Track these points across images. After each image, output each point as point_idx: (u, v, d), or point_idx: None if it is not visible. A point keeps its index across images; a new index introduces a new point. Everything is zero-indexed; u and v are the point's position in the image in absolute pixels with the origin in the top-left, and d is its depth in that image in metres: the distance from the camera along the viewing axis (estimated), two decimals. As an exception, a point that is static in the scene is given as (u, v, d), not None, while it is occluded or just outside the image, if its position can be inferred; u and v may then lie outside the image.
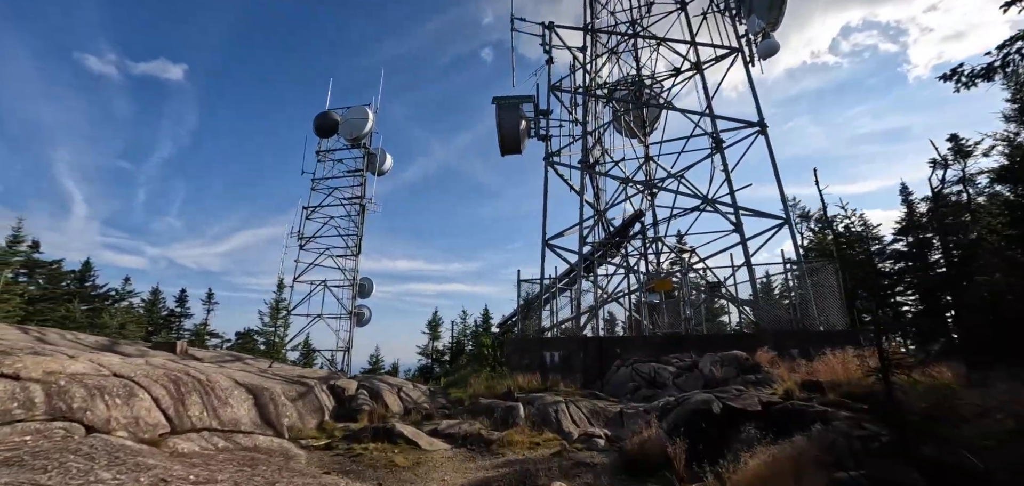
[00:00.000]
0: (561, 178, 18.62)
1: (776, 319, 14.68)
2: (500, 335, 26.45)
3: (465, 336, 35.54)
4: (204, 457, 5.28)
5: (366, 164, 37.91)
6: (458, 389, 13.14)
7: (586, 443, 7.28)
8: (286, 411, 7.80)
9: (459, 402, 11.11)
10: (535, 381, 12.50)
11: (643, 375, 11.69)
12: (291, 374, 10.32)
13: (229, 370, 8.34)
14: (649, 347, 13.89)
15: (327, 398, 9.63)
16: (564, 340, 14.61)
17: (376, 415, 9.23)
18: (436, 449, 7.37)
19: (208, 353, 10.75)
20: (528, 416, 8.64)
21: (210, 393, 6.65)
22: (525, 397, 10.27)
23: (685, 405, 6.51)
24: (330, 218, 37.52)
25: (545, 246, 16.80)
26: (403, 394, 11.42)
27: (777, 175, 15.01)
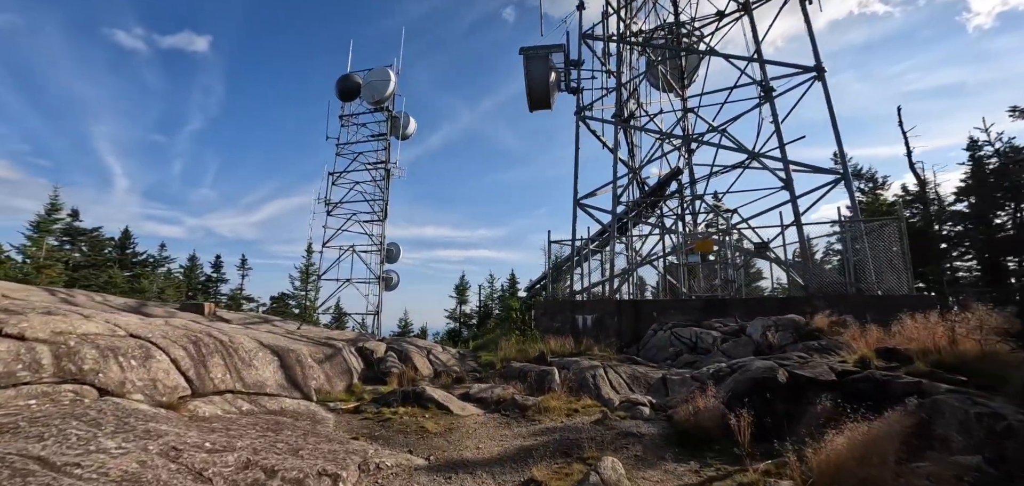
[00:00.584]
0: (593, 134, 17.60)
1: (826, 283, 13.62)
2: (528, 299, 26.08)
3: (492, 300, 35.45)
4: (225, 421, 4.97)
5: (389, 128, 37.48)
6: (488, 352, 12.80)
7: (629, 411, 6.73)
8: (313, 373, 7.53)
9: (490, 366, 10.74)
10: (568, 345, 12.00)
11: (684, 340, 11.00)
12: (319, 336, 10.11)
13: (255, 332, 8.10)
14: (688, 311, 13.14)
15: (356, 360, 9.38)
16: (597, 303, 14.01)
17: (405, 378, 8.93)
18: (468, 414, 6.98)
19: (237, 315, 10.66)
20: (564, 381, 8.14)
21: (233, 355, 6.36)
22: (559, 361, 9.78)
23: (745, 372, 5.82)
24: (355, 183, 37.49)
25: (576, 206, 16.01)
26: (432, 357, 11.13)
27: (835, 125, 13.63)
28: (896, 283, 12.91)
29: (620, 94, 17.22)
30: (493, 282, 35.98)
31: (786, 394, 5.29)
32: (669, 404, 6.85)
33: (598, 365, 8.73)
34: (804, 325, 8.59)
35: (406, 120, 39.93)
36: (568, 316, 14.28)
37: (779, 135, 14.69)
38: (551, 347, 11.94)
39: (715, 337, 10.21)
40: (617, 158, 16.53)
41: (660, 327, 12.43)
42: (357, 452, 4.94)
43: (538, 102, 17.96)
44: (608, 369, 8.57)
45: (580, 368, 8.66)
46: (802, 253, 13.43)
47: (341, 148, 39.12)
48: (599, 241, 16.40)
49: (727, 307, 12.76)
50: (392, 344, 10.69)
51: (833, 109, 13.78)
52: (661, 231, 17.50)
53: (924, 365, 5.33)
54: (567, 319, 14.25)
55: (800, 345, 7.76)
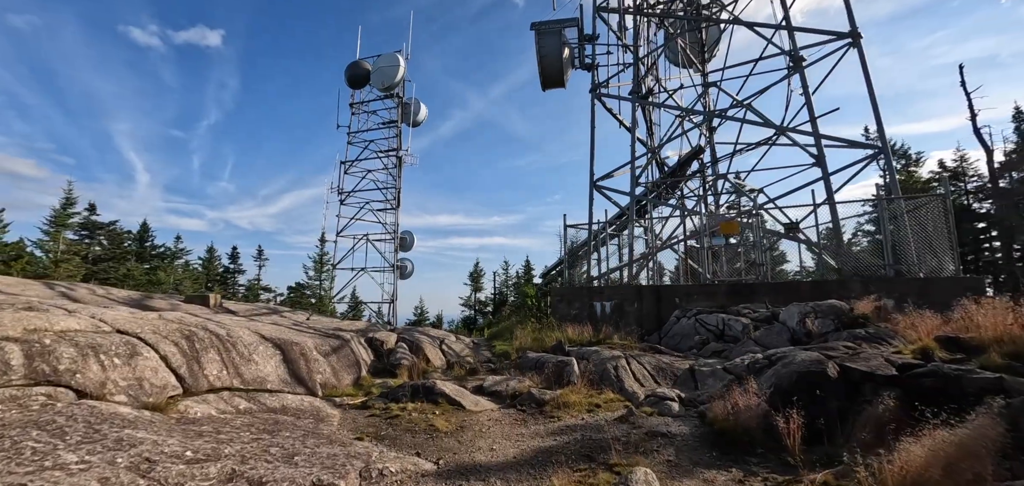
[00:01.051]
0: (609, 112, 16.84)
1: (862, 265, 12.78)
2: (544, 285, 25.56)
3: (507, 287, 35.05)
4: (217, 423, 4.58)
5: (400, 115, 37.02)
6: (503, 342, 12.35)
7: (656, 406, 6.19)
8: (319, 367, 7.14)
9: (505, 356, 10.28)
10: (586, 333, 11.46)
11: (709, 327, 10.37)
12: (327, 327, 9.75)
13: (257, 325, 7.73)
14: (712, 296, 12.47)
15: (365, 352, 9.00)
16: (616, 288, 13.41)
17: (416, 370, 8.52)
18: (482, 410, 6.52)
19: (244, 306, 10.38)
20: (583, 373, 7.63)
21: (231, 349, 5.98)
22: (577, 351, 9.26)
23: (788, 365, 5.22)
24: (368, 172, 37.17)
25: (593, 188, 15.34)
26: (445, 347, 10.71)
27: (872, 95, 12.63)
28: (937, 265, 12.02)
29: (637, 69, 16.37)
30: (508, 269, 35.57)
31: (838, 391, 4.68)
32: (700, 398, 6.28)
33: (620, 355, 8.18)
34: (847, 311, 7.89)
35: (417, 106, 39.46)
36: (586, 303, 13.72)
37: (810, 108, 13.76)
38: (569, 335, 11.43)
39: (745, 324, 9.55)
40: (635, 137, 15.77)
41: (683, 313, 11.80)
42: (360, 456, 4.51)
43: (551, 80, 17.23)
44: (631, 359, 8.02)
45: (601, 359, 8.13)
46: (836, 234, 12.59)
47: (352, 136, 38.77)
48: (617, 224, 15.74)
49: (755, 292, 12.05)
50: (403, 334, 10.30)
51: (870, 78, 12.79)
52: (682, 213, 16.73)
53: (999, 357, 4.65)
54: (585, 306, 13.70)
55: (844, 333, 7.08)
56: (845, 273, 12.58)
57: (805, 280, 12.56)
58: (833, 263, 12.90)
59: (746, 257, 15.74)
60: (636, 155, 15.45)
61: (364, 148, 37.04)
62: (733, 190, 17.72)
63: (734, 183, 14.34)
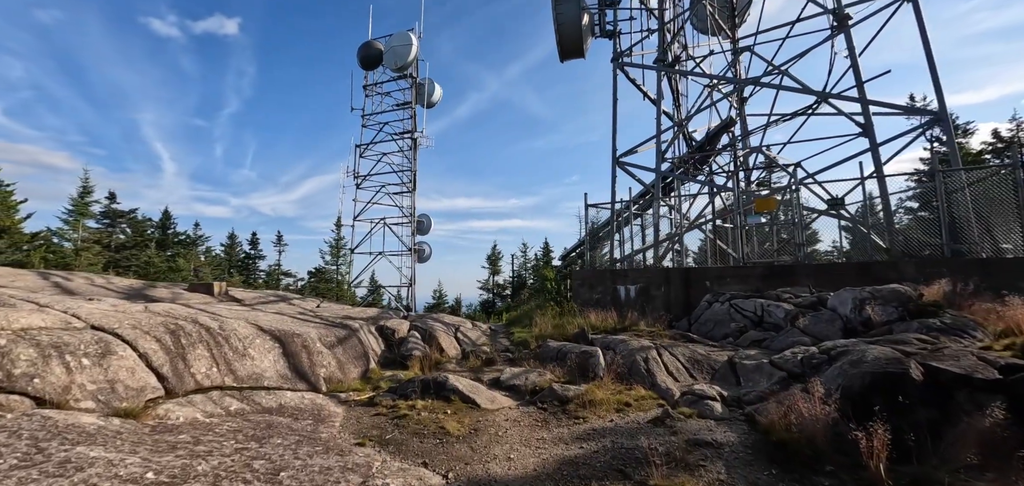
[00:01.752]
0: (633, 83, 15.79)
1: (911, 245, 11.66)
2: (563, 267, 24.84)
3: (525, 270, 34.46)
4: (199, 429, 4.06)
5: (414, 96, 36.27)
6: (522, 328, 11.73)
7: (695, 406, 5.47)
8: (322, 360, 6.62)
9: (524, 345, 9.66)
10: (610, 319, 10.74)
11: (746, 313, 9.52)
12: (337, 315, 9.27)
13: (258, 315, 7.25)
14: (746, 279, 11.56)
15: (375, 341, 8.49)
16: (641, 271, 12.60)
17: (429, 361, 7.96)
18: (498, 408, 5.91)
19: (251, 294, 9.97)
20: (610, 365, 6.94)
21: (223, 344, 5.47)
22: (602, 340, 8.57)
23: (858, 364, 4.42)
24: (383, 155, 36.68)
25: (615, 164, 14.42)
26: (461, 335, 10.14)
27: (930, 55, 11.31)
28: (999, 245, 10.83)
29: (663, 35, 15.24)
30: (526, 251, 34.91)
31: (925, 396, 3.88)
32: (745, 398, 5.53)
33: (650, 346, 7.45)
34: (914, 297, 6.95)
35: (431, 87, 38.64)
36: (609, 286, 12.96)
37: (856, 71, 12.51)
38: (591, 322, 10.73)
39: (787, 311, 8.68)
40: (660, 109, 14.75)
41: (715, 298, 10.95)
42: (358, 468, 3.95)
43: (570, 50, 16.23)
44: (662, 350, 7.28)
45: (629, 349, 7.41)
46: (886, 210, 11.48)
47: (367, 119, 38.30)
48: (641, 203, 14.84)
49: (793, 274, 11.09)
50: (416, 322, 9.75)
51: (927, 36, 11.48)
52: (710, 190, 15.70)
53: None
54: (608, 290, 12.95)
55: (913, 324, 6.18)
56: (894, 253, 11.49)
57: (849, 261, 11.52)
58: (880, 242, 11.81)
59: (777, 237, 14.69)
60: (662, 129, 14.45)
61: (379, 131, 36.52)
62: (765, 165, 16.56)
63: (769, 158, 13.24)
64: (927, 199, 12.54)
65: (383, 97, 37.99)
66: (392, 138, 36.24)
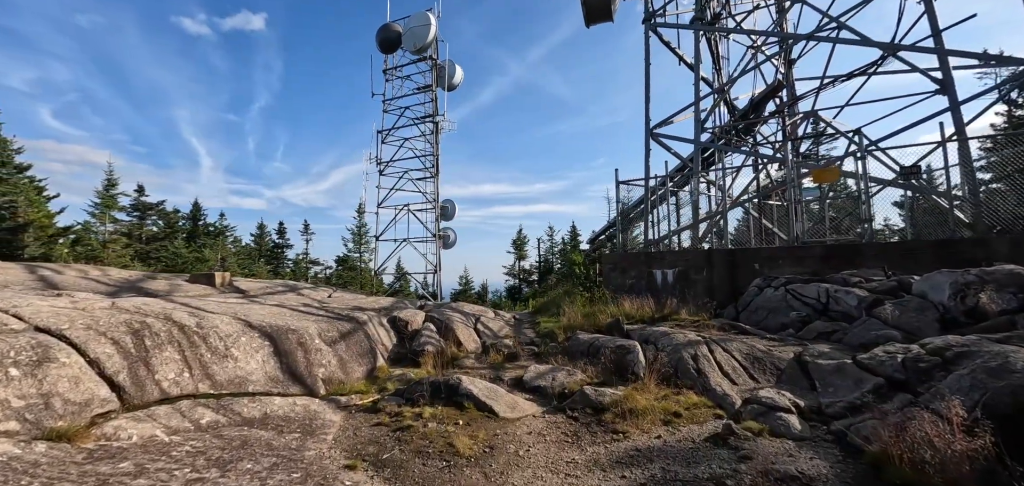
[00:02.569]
0: (667, 47, 14.35)
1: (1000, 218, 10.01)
2: (591, 252, 23.67)
3: (552, 254, 33.41)
4: (151, 452, 3.30)
5: (434, 79, 35.32)
6: (549, 318, 10.77)
7: (763, 418, 4.41)
8: (322, 358, 5.85)
9: (551, 336, 8.71)
10: (647, 308, 9.65)
11: (807, 300, 8.26)
12: (347, 306, 8.53)
13: (248, 308, 6.53)
14: (801, 261, 10.22)
15: (385, 335, 7.70)
16: (680, 253, 11.39)
17: (444, 357, 7.11)
18: (520, 417, 4.99)
19: (259, 284, 9.37)
20: (652, 363, 5.90)
21: (200, 343, 4.73)
22: (639, 331, 7.52)
23: (1003, 375, 3.27)
24: (405, 140, 36.00)
25: (649, 136, 13.12)
26: (481, 326, 9.27)
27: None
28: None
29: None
30: (553, 235, 33.78)
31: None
32: (828, 409, 4.41)
33: (698, 339, 6.35)
34: (1043, 279, 5.59)
35: (452, 68, 37.57)
36: (643, 271, 11.82)
37: (932, 18, 10.79)
38: (626, 310, 9.67)
39: (861, 297, 7.39)
40: (698, 74, 13.31)
41: (767, 283, 9.68)
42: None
43: (596, 12, 14.88)
44: (713, 345, 6.18)
45: (673, 344, 6.34)
46: (970, 179, 9.86)
47: (387, 104, 37.66)
48: (678, 178, 13.53)
49: (859, 255, 9.68)
50: (432, 312, 8.92)
51: (1023, -29, 9.67)
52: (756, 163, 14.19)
53: None
54: (642, 274, 11.81)
55: (1049, 313, 4.89)
56: (980, 229, 9.89)
57: (925, 239, 9.98)
58: (962, 218, 10.21)
59: (827, 215, 13.14)
60: (701, 95, 13.05)
61: (400, 115, 35.89)
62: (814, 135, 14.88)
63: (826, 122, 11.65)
64: (1006, 168, 10.79)
65: (403, 81, 37.22)
66: (413, 122, 35.55)
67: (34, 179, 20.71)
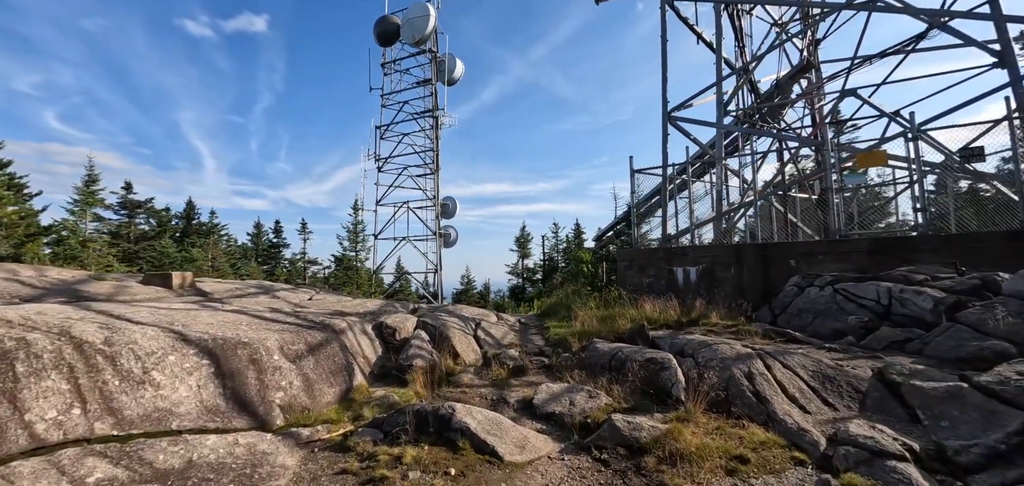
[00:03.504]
0: (685, 23, 13.13)
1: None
2: (598, 250, 22.48)
3: (557, 252, 32.22)
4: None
5: (434, 72, 34.07)
6: (559, 323, 9.57)
7: (869, 470, 3.20)
8: (281, 379, 4.67)
9: (563, 345, 7.51)
10: (671, 310, 8.46)
11: (863, 302, 7.04)
12: (328, 310, 7.36)
13: (193, 316, 5.35)
14: (845, 256, 9.00)
15: (369, 344, 6.52)
16: (705, 249, 10.19)
17: (436, 373, 5.92)
18: (531, 461, 3.79)
19: (226, 285, 8.20)
20: (695, 382, 4.70)
21: (105, 367, 3.55)
22: (669, 339, 6.32)
23: None
24: (404, 136, 34.78)
25: (666, 120, 11.90)
26: (482, 332, 8.08)
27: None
28: None
29: (723, -37, 12.48)
30: (558, 232, 32.58)
31: None
32: (959, 457, 3.20)
33: (748, 352, 5.14)
34: None
35: (452, 62, 36.24)
36: (663, 268, 10.61)
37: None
38: (647, 313, 8.48)
39: (936, 298, 6.17)
40: (720, 52, 12.08)
41: (808, 281, 8.47)
42: None
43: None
44: (768, 359, 4.97)
45: (717, 357, 5.13)
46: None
47: (386, 99, 36.31)
48: (699, 165, 12.31)
49: (913, 249, 8.45)
50: (425, 317, 7.74)
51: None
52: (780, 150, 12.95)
53: None
54: (662, 272, 10.60)
55: None
56: (1049, 217, 8.64)
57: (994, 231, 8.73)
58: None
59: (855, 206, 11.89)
60: (722, 75, 11.82)
61: (399, 110, 34.69)
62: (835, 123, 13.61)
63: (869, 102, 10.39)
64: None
65: (402, 75, 35.96)
66: (413, 117, 34.33)
67: (15, 177, 19.65)
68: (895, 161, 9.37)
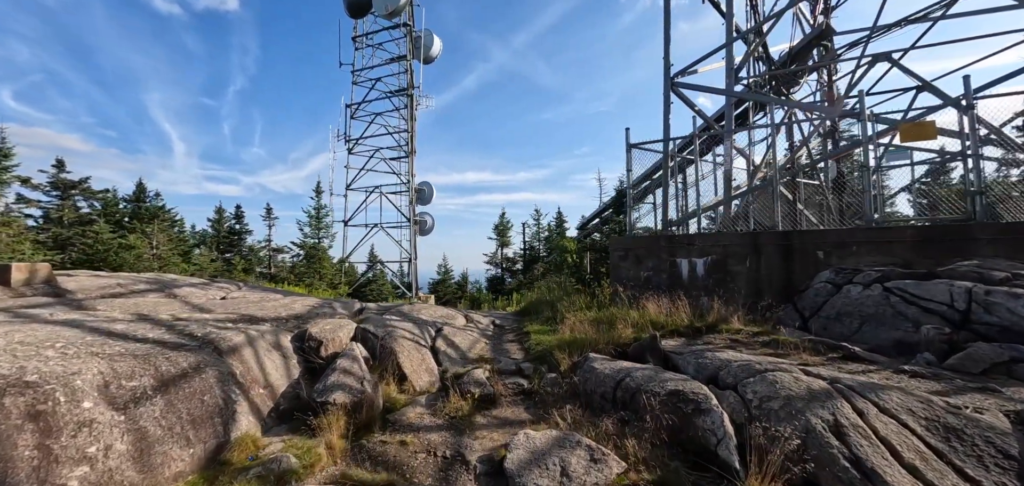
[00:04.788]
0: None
1: None
2: (582, 238, 20.87)
3: (538, 240, 30.56)
4: None
5: (410, 48, 31.64)
6: (541, 326, 7.84)
7: None
8: (90, 441, 2.82)
9: (547, 360, 5.77)
10: (682, 312, 6.83)
11: (930, 305, 5.52)
12: (233, 315, 5.46)
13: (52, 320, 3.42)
14: (885, 247, 7.52)
15: (278, 367, 4.66)
16: (715, 238, 8.61)
17: (367, 411, 4.11)
18: None
19: (103, 280, 6.21)
20: (752, 433, 3.04)
21: None
22: (687, 354, 4.67)
23: None
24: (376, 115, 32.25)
25: (669, 87, 10.21)
26: (443, 340, 6.31)
27: None
28: None
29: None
30: (540, 219, 30.86)
31: None
32: None
33: (824, 387, 3.49)
34: None
35: (429, 38, 33.76)
36: (663, 260, 8.99)
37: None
38: (651, 316, 6.83)
39: (1046, 301, 4.66)
40: (731, 9, 10.43)
41: (845, 277, 6.95)
42: None
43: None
44: (853, 396, 3.33)
45: (775, 391, 3.48)
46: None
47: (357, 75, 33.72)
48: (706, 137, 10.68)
49: (970, 239, 7.00)
50: (368, 324, 5.91)
51: None
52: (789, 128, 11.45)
53: None
54: (663, 264, 8.99)
55: None
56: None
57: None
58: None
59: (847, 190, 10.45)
60: (732, 37, 10.22)
61: (371, 87, 32.24)
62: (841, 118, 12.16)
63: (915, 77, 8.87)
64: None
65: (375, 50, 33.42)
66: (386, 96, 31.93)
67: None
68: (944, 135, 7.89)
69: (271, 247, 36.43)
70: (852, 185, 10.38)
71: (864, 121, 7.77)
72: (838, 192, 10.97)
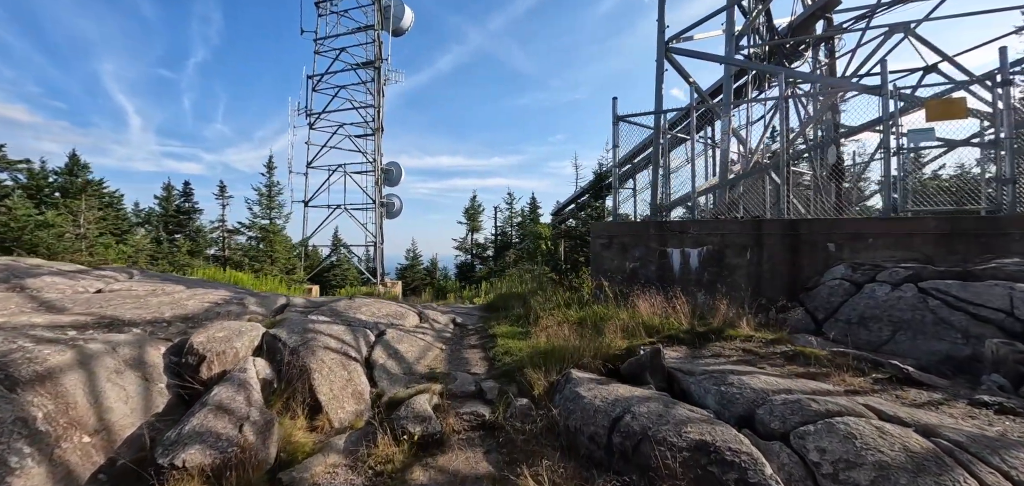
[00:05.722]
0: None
1: None
2: (557, 225, 19.70)
3: (511, 226, 29.25)
4: None
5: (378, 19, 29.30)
6: (511, 327, 6.55)
7: None
8: None
9: (515, 375, 4.49)
10: (679, 312, 5.70)
11: (981, 312, 4.54)
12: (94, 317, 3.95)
13: None
14: (905, 240, 6.57)
15: (128, 398, 3.23)
16: (712, 225, 7.52)
17: (238, 473, 2.74)
18: None
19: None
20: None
21: None
22: (698, 375, 3.51)
23: None
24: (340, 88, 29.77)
25: (663, 54, 8.97)
26: (381, 351, 4.94)
27: None
28: None
29: None
30: (512, 204, 29.50)
31: None
32: None
33: (928, 448, 2.37)
34: None
35: (400, 8, 31.37)
36: (653, 249, 7.86)
37: None
38: (643, 318, 5.66)
39: None
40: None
41: (865, 275, 5.96)
42: None
43: None
44: (971, 458, 2.21)
45: (854, 449, 2.34)
46: None
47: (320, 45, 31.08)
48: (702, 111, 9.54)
49: (1000, 232, 6.12)
50: (281, 330, 4.48)
51: None
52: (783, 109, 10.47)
53: None
54: (652, 254, 7.86)
55: None
56: None
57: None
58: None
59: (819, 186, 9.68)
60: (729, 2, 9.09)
61: (335, 58, 29.85)
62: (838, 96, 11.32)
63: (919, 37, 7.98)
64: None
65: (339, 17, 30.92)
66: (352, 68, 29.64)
67: None
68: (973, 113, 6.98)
69: (225, 228, 33.85)
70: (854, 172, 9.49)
71: (886, 96, 6.75)
72: (837, 178, 10.08)
